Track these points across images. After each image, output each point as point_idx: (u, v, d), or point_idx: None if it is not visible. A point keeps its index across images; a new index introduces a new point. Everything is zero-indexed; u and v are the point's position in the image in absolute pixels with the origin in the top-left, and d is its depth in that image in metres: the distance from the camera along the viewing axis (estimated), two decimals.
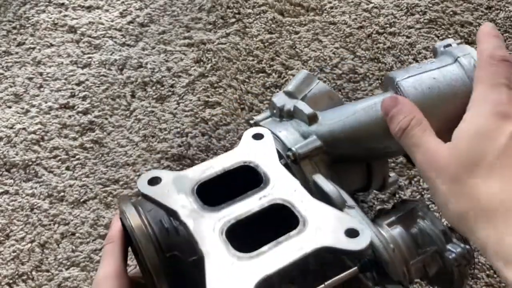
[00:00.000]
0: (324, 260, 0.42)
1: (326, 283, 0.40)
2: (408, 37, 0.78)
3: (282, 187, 0.41)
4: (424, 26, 0.79)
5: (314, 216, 0.38)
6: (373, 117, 0.46)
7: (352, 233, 0.36)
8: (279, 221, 0.39)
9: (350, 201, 0.45)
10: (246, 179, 0.42)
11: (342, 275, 0.41)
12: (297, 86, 0.53)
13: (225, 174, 0.42)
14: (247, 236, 0.38)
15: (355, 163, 0.52)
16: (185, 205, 0.40)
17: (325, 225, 0.37)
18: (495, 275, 0.60)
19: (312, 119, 0.49)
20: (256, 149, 0.44)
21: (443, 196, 0.37)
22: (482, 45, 0.41)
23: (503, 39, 0.43)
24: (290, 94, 0.52)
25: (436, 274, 0.44)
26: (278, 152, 0.48)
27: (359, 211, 0.44)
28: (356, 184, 0.54)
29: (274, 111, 0.53)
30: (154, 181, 0.41)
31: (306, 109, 0.50)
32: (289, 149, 0.47)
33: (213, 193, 0.41)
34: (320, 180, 0.46)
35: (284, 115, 0.52)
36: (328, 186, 0.45)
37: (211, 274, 0.35)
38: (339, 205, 0.44)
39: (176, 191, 0.41)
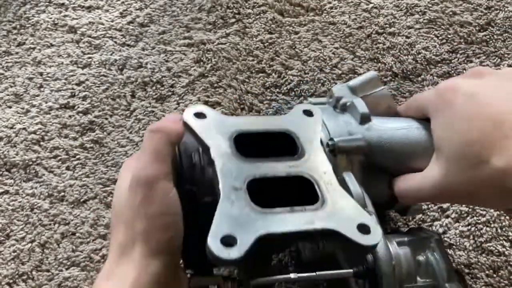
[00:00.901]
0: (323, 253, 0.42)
1: (317, 273, 0.40)
2: (407, 37, 0.78)
3: (314, 164, 0.41)
4: (423, 26, 0.79)
5: (334, 201, 0.38)
6: (423, 138, 0.47)
7: (364, 228, 0.36)
8: (299, 194, 0.39)
9: (370, 207, 0.45)
10: (284, 147, 0.42)
11: (335, 271, 0.41)
12: (362, 84, 0.52)
13: (266, 134, 0.42)
14: (264, 195, 0.38)
15: (385, 178, 0.51)
16: (220, 146, 0.40)
17: (341, 213, 0.37)
18: (494, 275, 0.60)
19: (364, 119, 0.48)
20: (303, 123, 0.44)
21: None
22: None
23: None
24: (352, 89, 0.52)
25: None
26: (320, 139, 0.48)
27: (375, 219, 0.44)
28: (379, 198, 0.53)
29: (331, 100, 0.52)
30: (200, 115, 0.42)
31: (362, 107, 0.49)
32: (331, 139, 0.47)
33: (248, 147, 0.41)
34: (349, 178, 0.46)
35: (339, 106, 0.51)
36: (355, 186, 0.45)
37: (221, 213, 0.35)
38: None
39: (216, 131, 0.41)
